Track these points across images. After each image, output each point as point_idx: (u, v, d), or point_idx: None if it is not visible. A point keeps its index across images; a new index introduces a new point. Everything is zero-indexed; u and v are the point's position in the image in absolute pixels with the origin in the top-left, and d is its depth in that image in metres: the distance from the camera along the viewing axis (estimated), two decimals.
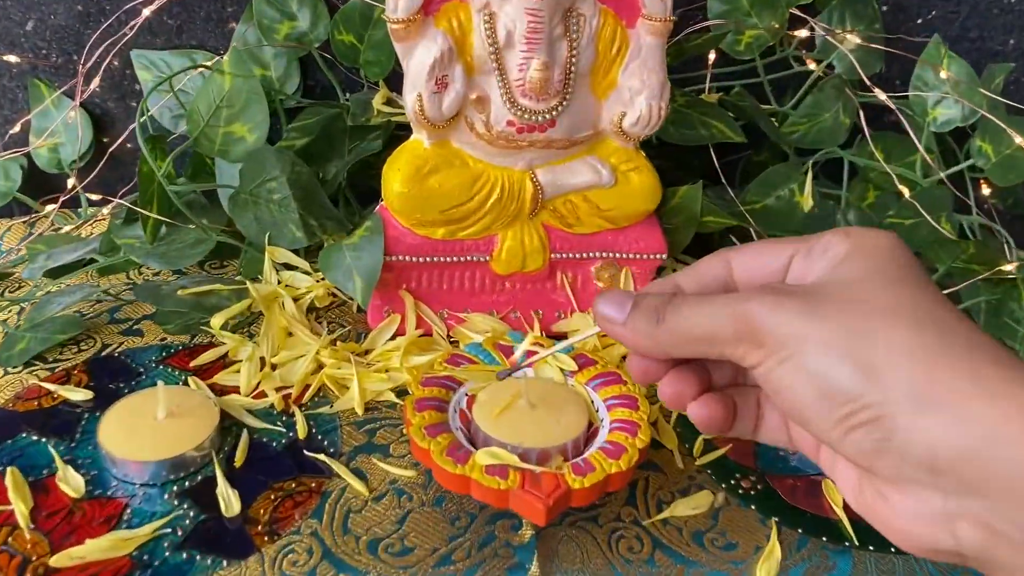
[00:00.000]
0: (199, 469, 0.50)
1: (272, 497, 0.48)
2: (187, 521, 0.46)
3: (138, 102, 0.74)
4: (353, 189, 0.71)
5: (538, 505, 0.43)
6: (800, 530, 0.49)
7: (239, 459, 0.50)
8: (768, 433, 0.40)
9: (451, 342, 0.60)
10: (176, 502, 0.47)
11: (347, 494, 0.49)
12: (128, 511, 0.47)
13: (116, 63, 0.74)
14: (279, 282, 0.62)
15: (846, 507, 0.50)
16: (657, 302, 0.36)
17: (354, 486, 0.49)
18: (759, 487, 0.51)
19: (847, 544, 0.48)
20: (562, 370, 0.53)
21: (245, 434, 0.52)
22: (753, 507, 0.50)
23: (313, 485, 0.49)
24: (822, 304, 0.33)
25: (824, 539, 0.48)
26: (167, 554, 0.44)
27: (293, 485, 0.49)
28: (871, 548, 0.48)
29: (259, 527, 0.46)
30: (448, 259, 0.60)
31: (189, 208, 0.69)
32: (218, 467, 0.49)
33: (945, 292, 0.68)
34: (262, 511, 0.47)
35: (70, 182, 0.73)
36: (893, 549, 0.48)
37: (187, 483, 0.49)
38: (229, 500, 0.47)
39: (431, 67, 0.53)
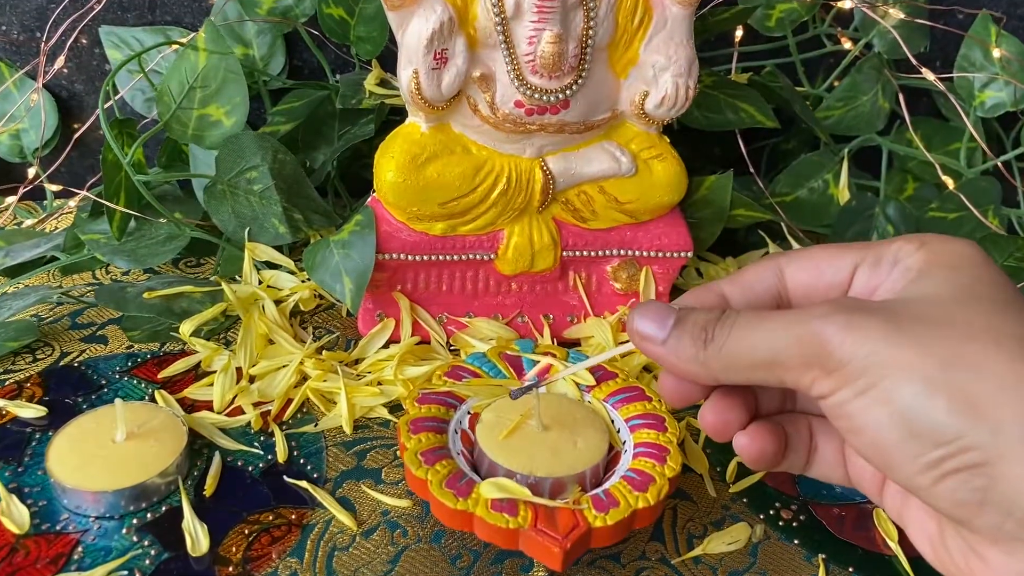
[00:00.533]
0: (163, 499, 0.43)
1: (246, 532, 0.42)
2: (147, 561, 0.40)
3: (92, 77, 0.67)
4: (344, 180, 0.65)
5: (554, 549, 0.37)
6: (851, 568, 0.42)
7: (209, 487, 0.44)
8: (822, 468, 0.35)
9: (451, 350, 0.54)
10: (136, 538, 0.41)
11: (332, 528, 0.43)
12: (80, 549, 0.40)
13: (84, 41, 0.68)
14: (260, 283, 0.56)
15: (902, 539, 0.44)
16: (705, 319, 0.31)
17: (340, 519, 0.43)
18: (802, 517, 0.45)
19: None
20: (578, 384, 0.47)
21: (217, 457, 0.46)
22: (796, 541, 0.44)
23: (293, 517, 0.43)
24: (909, 325, 0.27)
25: None
26: None
27: (271, 517, 0.43)
28: None
29: (231, 567, 0.40)
30: (448, 257, 0.53)
31: (162, 200, 0.62)
32: (185, 497, 0.42)
33: None
34: (234, 548, 0.41)
35: (32, 171, 0.67)
36: None
37: (149, 516, 0.42)
38: (197, 536, 0.41)
39: (429, 39, 0.47)
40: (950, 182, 0.64)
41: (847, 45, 0.66)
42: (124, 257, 0.57)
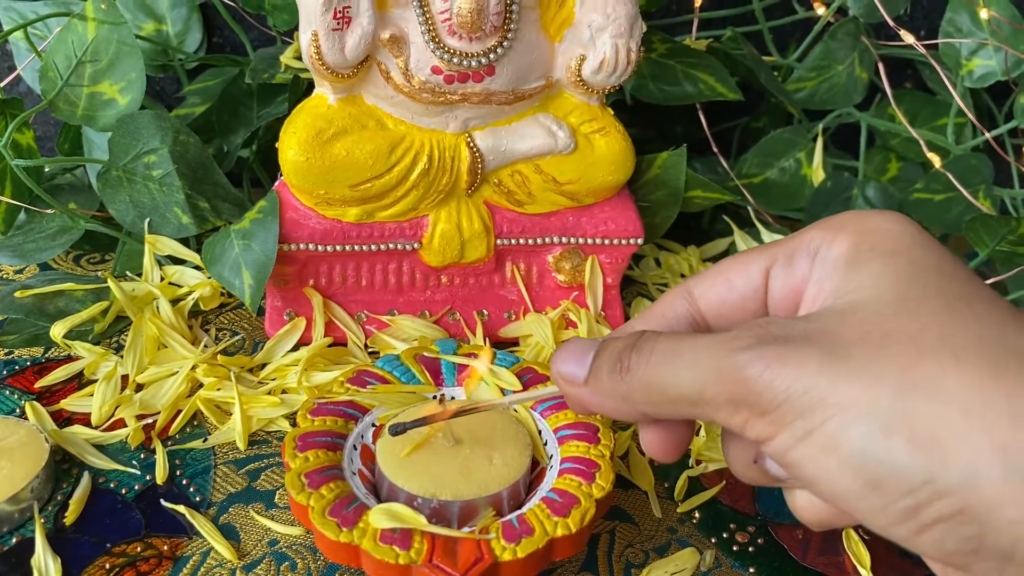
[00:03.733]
0: (15, 528, 0.37)
1: (108, 566, 0.36)
2: None
3: (9, 64, 0.61)
4: (266, 166, 0.59)
5: None
6: None
7: (72, 514, 0.38)
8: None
9: (370, 353, 0.48)
10: None
11: (210, 560, 0.37)
12: None
13: None
14: (162, 279, 0.50)
15: (875, 565, 0.38)
16: (622, 346, 0.26)
17: (219, 550, 0.37)
18: (760, 541, 0.39)
19: None
20: (502, 390, 0.41)
21: (86, 479, 0.40)
22: (752, 569, 0.38)
23: (166, 548, 0.37)
24: (848, 349, 0.22)
25: None
26: None
27: (139, 548, 0.37)
28: None
29: None
30: (365, 247, 0.47)
31: (60, 191, 0.57)
32: (39, 526, 0.36)
33: (989, 282, 0.56)
34: None
35: None
36: None
37: None
38: (48, 571, 0.35)
39: None
40: (936, 160, 0.58)
41: (820, 10, 0.60)
42: (8, 252, 0.51)
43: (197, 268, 0.51)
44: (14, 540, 0.37)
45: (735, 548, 0.39)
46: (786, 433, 0.22)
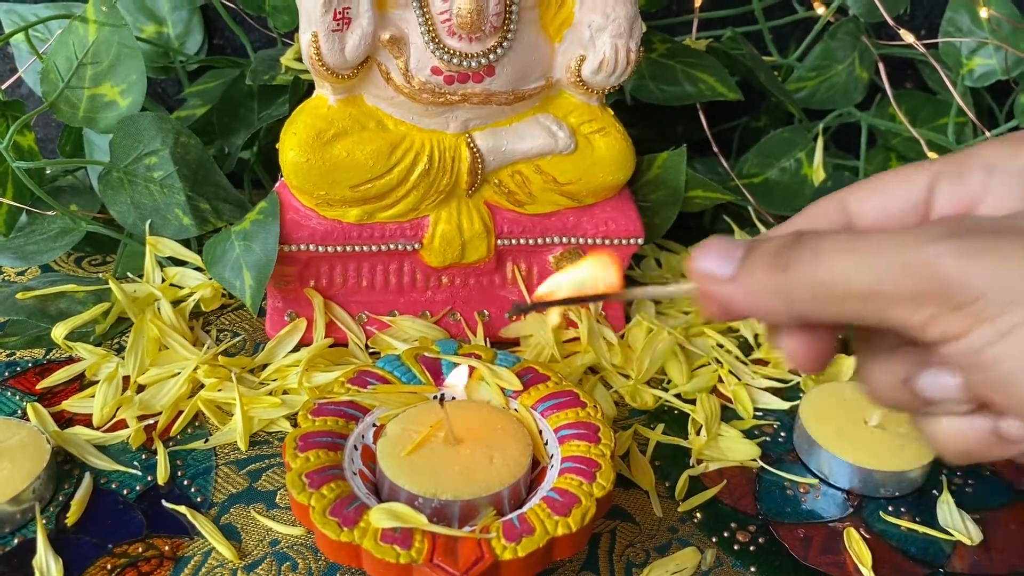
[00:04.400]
0: (16, 529, 0.37)
1: (109, 567, 0.36)
2: None
3: (11, 67, 0.61)
4: (268, 168, 0.59)
5: None
6: None
7: (73, 514, 0.38)
8: None
9: (371, 354, 0.48)
10: None
11: (211, 561, 0.37)
12: None
13: None
14: (164, 280, 0.50)
15: (876, 564, 0.38)
16: (780, 244, 0.25)
17: (220, 550, 0.37)
18: (761, 540, 0.39)
19: None
20: (503, 390, 0.41)
21: (88, 480, 0.40)
22: (753, 568, 0.38)
23: (167, 549, 0.37)
24: None
25: None
26: None
27: (140, 549, 0.37)
28: None
29: None
30: (366, 248, 0.47)
31: (62, 193, 0.57)
32: (40, 526, 0.36)
33: None
34: None
35: None
36: None
37: None
38: (49, 572, 0.35)
39: None
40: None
41: (820, 10, 0.60)
42: (10, 254, 0.51)
43: (198, 269, 0.51)
44: (16, 541, 0.37)
45: (736, 547, 0.39)
46: (987, 328, 0.22)
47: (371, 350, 0.48)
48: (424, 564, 0.32)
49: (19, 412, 0.44)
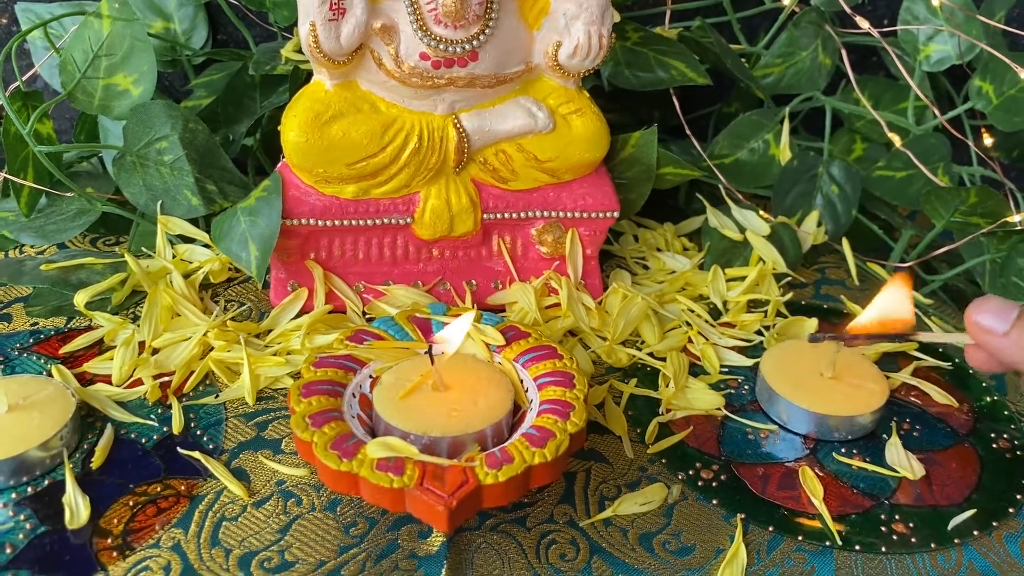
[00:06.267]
0: (46, 472, 0.41)
1: (131, 503, 0.40)
2: (21, 535, 0.38)
3: (28, 63, 0.65)
4: (269, 153, 0.63)
5: (438, 507, 0.35)
6: (771, 528, 0.40)
7: (98, 459, 0.42)
8: None
9: (367, 319, 0.52)
10: (13, 512, 0.39)
11: (223, 498, 0.40)
12: None
13: (3, 20, 0.66)
14: (174, 256, 0.54)
15: (827, 497, 0.42)
16: None
17: (232, 489, 0.41)
18: (723, 477, 0.43)
19: (828, 544, 0.39)
20: (488, 345, 0.45)
21: (109, 430, 0.44)
22: (715, 501, 0.42)
23: (183, 488, 0.41)
24: None
25: (800, 538, 0.40)
26: None
27: (159, 489, 0.41)
28: (857, 548, 0.39)
29: (109, 540, 0.38)
30: (362, 222, 0.51)
31: (78, 177, 0.61)
32: (68, 469, 0.40)
33: (943, 251, 0.60)
34: (116, 521, 0.39)
35: None
36: (884, 548, 0.39)
37: (29, 489, 0.40)
38: (77, 508, 0.39)
39: None
40: (896, 139, 0.62)
41: (785, 0, 0.64)
42: (32, 233, 0.55)
43: (206, 246, 0.55)
44: (46, 482, 0.41)
45: (700, 484, 0.42)
46: None
47: (367, 316, 0.52)
48: (415, 488, 0.35)
49: (44, 374, 0.47)
